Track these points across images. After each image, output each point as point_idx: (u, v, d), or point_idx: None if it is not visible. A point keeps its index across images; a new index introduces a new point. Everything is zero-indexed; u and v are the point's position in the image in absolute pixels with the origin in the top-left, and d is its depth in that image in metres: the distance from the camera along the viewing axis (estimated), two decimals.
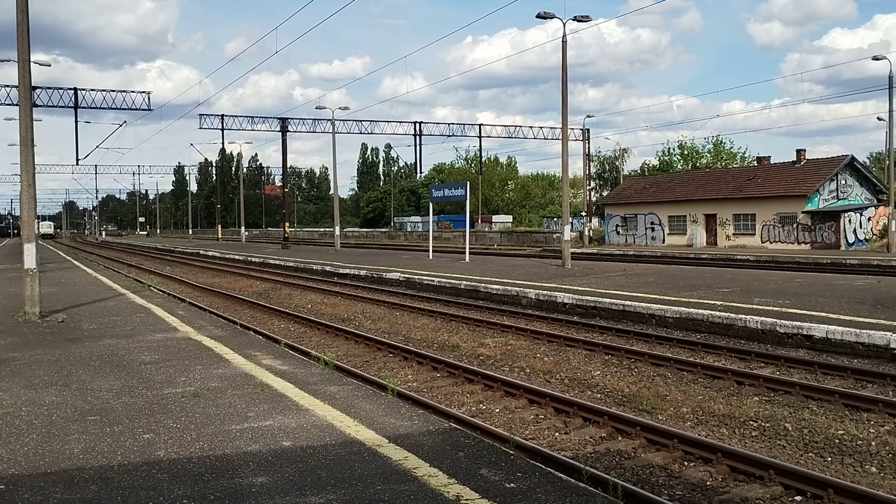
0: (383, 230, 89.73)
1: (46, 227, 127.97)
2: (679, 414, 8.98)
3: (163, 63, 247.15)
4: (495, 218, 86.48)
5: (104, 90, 49.94)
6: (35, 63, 20.66)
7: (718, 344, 12.85)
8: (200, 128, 57.97)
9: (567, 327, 15.43)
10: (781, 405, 9.17)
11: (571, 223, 34.30)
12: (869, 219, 40.81)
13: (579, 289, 19.10)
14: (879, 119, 46.26)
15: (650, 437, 7.74)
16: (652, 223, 49.90)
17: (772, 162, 48.73)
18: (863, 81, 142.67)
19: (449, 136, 70.28)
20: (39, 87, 46.50)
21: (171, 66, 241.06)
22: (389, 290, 23.56)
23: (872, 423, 8.33)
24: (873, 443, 7.67)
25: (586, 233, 54.96)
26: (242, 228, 73.12)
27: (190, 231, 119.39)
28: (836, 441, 7.77)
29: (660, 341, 13.46)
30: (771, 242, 42.01)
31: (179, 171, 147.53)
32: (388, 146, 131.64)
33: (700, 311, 14.53)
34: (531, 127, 64.93)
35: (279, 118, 58.73)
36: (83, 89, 50.02)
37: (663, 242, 48.47)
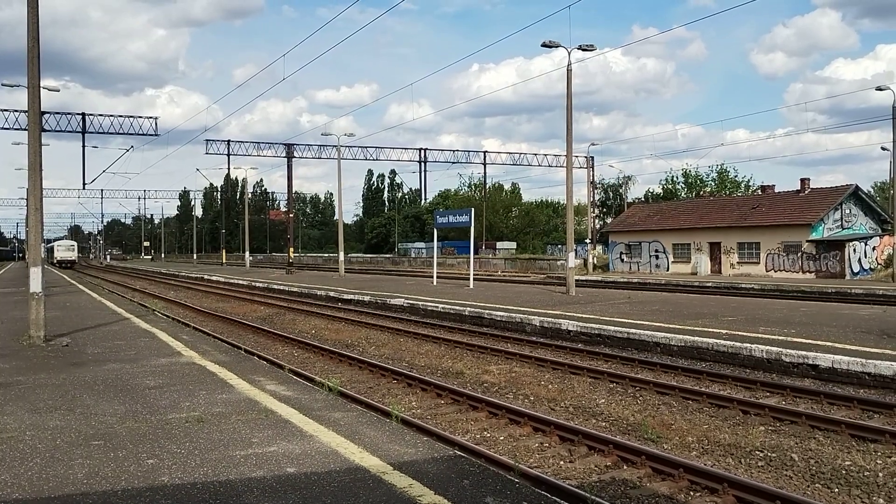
0: (387, 256, 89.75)
1: (66, 251, 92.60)
2: (684, 443, 8.92)
3: (172, 89, 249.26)
4: (499, 244, 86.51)
5: (112, 115, 50.56)
6: (44, 88, 20.87)
7: (724, 373, 12.80)
8: (207, 153, 58.48)
9: (571, 355, 15.38)
10: (788, 435, 9.11)
11: (575, 250, 34.33)
12: (874, 248, 40.74)
13: (584, 316, 19.06)
14: (883, 149, 46.45)
15: (656, 467, 7.68)
16: (656, 251, 49.88)
17: (776, 191, 48.80)
18: (866, 111, 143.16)
19: (454, 162, 70.76)
20: (48, 112, 47.00)
21: (181, 92, 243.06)
22: (393, 316, 23.54)
23: (880, 453, 8.27)
24: (881, 474, 7.61)
25: (590, 260, 54.94)
26: (247, 253, 73.18)
27: (194, 256, 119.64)
28: (843, 472, 7.71)
29: (665, 369, 13.41)
30: (776, 271, 41.93)
31: (185, 196, 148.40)
32: (394, 172, 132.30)
33: (705, 339, 14.48)
34: (536, 154, 65.27)
35: (285, 144, 59.21)
36: (91, 114, 50.62)
37: (667, 270, 48.41)
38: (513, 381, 12.80)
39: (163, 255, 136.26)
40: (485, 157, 74.31)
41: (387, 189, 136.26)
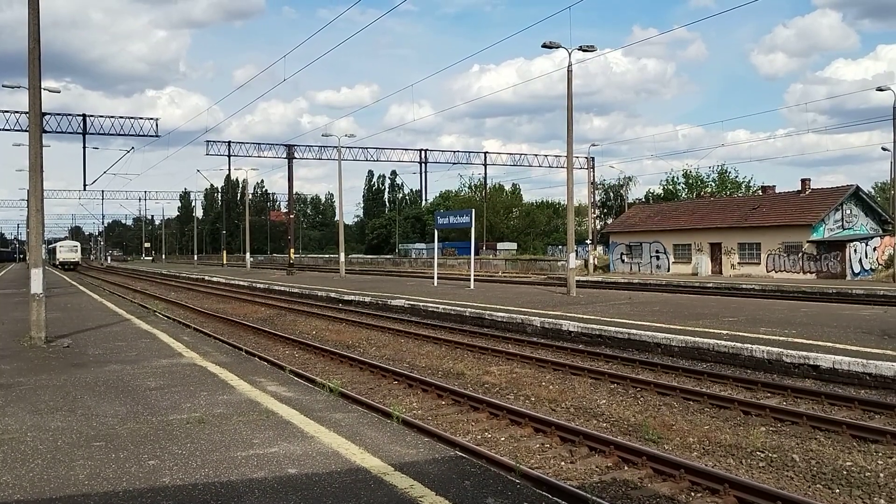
0: (388, 257, 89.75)
1: (69, 252, 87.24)
2: (685, 444, 8.92)
3: (173, 90, 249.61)
4: (500, 245, 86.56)
5: (113, 116, 50.67)
6: (45, 90, 20.89)
7: (724, 373, 12.79)
8: (207, 154, 58.47)
9: (572, 355, 15.38)
10: (789, 436, 9.11)
11: (576, 251, 34.33)
12: (874, 249, 40.73)
13: (584, 317, 19.06)
14: (884, 149, 46.47)
15: (657, 467, 7.68)
16: (657, 251, 49.87)
17: (777, 191, 48.79)
18: (867, 112, 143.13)
19: (455, 163, 70.81)
20: (49, 114, 47.03)
21: (181, 94, 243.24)
22: (394, 316, 23.54)
23: (881, 454, 8.27)
24: (882, 474, 7.61)
25: (591, 261, 54.92)
26: (247, 254, 73.16)
27: (195, 257, 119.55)
28: (844, 472, 7.70)
29: (666, 370, 13.40)
30: (776, 272, 41.92)
31: (185, 196, 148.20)
32: (394, 173, 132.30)
33: (706, 340, 14.48)
34: (536, 155, 65.28)
35: (286, 145, 59.24)
36: (92, 115, 50.73)
37: (668, 271, 48.40)
38: (514, 381, 12.80)
39: (163, 257, 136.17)
40: (485, 157, 74.30)
41: (387, 190, 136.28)
